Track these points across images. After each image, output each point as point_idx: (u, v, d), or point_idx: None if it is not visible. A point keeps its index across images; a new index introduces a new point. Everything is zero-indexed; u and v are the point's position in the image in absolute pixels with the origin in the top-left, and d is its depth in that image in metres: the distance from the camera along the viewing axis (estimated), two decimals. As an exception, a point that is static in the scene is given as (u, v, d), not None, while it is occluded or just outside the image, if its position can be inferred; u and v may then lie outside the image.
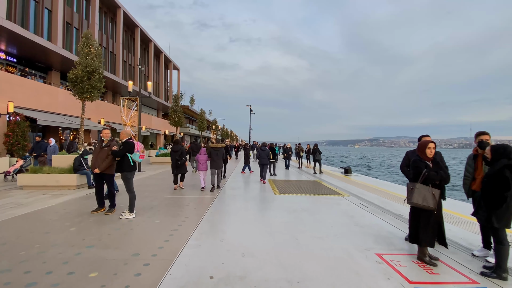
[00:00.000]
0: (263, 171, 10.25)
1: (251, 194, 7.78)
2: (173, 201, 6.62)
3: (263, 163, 10.28)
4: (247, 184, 9.75)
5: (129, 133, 5.35)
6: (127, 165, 5.13)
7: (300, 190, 8.59)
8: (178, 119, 22.40)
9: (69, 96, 19.16)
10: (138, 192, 7.50)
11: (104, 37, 26.18)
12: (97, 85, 9.66)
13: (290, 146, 16.66)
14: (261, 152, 10.53)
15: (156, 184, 9.24)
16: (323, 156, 15.56)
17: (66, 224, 4.66)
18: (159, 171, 13.68)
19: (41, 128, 18.80)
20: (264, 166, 10.24)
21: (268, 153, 10.62)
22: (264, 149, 10.64)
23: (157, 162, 18.26)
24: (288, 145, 15.95)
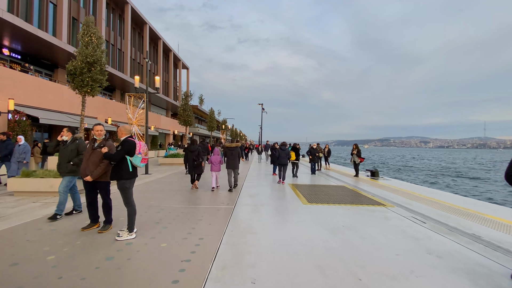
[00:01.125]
0: (283, 172, 9.85)
1: (274, 204, 6.53)
2: (183, 213, 5.44)
3: (282, 163, 9.87)
4: (267, 189, 8.51)
5: (129, 130, 4.18)
6: (125, 171, 3.96)
7: (330, 198, 7.29)
8: (188, 118, 21.37)
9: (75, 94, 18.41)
10: (142, 200, 6.47)
11: (112, 34, 25.44)
12: (98, 78, 8.61)
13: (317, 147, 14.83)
14: (281, 152, 10.11)
15: (164, 190, 8.11)
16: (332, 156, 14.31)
17: (44, 250, 3.52)
18: (168, 173, 12.60)
19: (48, 127, 18.10)
20: (284, 166, 9.87)
21: (289, 153, 10.22)
22: (284, 148, 10.19)
23: (165, 163, 17.25)
24: (314, 145, 13.80)
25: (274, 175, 12.32)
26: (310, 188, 8.98)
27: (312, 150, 13.42)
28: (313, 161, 13.18)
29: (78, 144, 5.09)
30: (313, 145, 13.83)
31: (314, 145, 13.93)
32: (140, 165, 4.05)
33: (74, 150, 5.04)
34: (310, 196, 7.42)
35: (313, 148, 13.56)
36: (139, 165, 4.03)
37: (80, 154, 4.99)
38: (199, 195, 7.32)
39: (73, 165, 4.98)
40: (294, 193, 7.88)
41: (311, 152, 13.39)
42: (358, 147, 12.55)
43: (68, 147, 5.05)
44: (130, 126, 4.11)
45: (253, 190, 8.25)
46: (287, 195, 7.61)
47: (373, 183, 10.50)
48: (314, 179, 11.53)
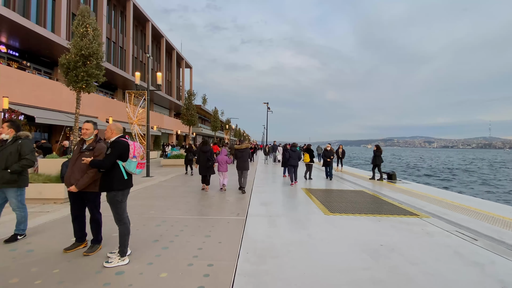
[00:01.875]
0: (294, 173, 9.73)
1: (292, 214, 5.69)
2: (187, 226, 4.63)
3: (293, 164, 9.70)
4: (279, 195, 7.68)
5: (120, 128, 3.37)
6: (117, 181, 3.15)
7: (353, 206, 6.44)
8: (191, 118, 20.60)
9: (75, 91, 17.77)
10: (141, 209, 5.63)
11: (114, 31, 24.78)
12: (94, 72, 7.84)
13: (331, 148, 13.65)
14: (291, 153, 9.82)
15: (166, 196, 7.31)
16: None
17: (9, 283, 2.73)
18: (171, 175, 11.83)
19: (48, 127, 17.45)
20: (295, 167, 9.74)
21: (299, 154, 9.98)
22: (295, 149, 9.90)
23: (168, 164, 16.48)
24: (328, 147, 12.05)
25: (284, 177, 11.54)
26: (326, 193, 8.12)
27: (326, 153, 11.62)
28: (328, 165, 11.43)
29: (20, 145, 3.80)
30: (327, 147, 12.18)
31: (328, 146, 12.23)
32: (136, 172, 3.23)
33: (14, 153, 3.75)
34: (329, 204, 6.57)
35: (327, 150, 11.73)
36: (135, 172, 3.23)
37: (24, 159, 3.78)
38: (206, 202, 6.51)
39: (12, 174, 3.71)
40: (310, 200, 7.04)
41: (325, 154, 11.65)
42: (380, 147, 11.65)
43: (7, 149, 3.74)
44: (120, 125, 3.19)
45: (265, 197, 7.43)
46: (304, 203, 6.77)
47: (393, 187, 9.62)
48: (328, 182, 10.67)
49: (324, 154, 11.85)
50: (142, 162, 3.26)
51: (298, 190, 8.71)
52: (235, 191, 8.16)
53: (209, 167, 7.99)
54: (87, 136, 3.61)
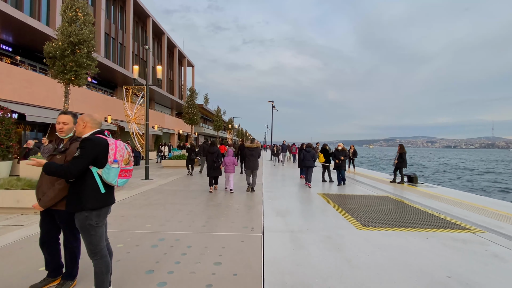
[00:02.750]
0: (309, 174, 9.30)
1: (317, 228, 4.70)
2: (191, 247, 3.66)
3: (307, 165, 9.35)
4: (296, 202, 6.71)
5: (97, 120, 2.38)
6: (89, 196, 2.16)
7: (386, 217, 5.46)
8: (194, 116, 19.65)
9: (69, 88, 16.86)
10: (136, 222, 4.57)
11: (113, 27, 23.87)
12: (84, 62, 6.91)
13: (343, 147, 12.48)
14: (305, 153, 9.49)
15: (166, 203, 6.35)
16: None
17: None
18: (172, 178, 10.88)
19: (44, 126, 16.55)
20: (309, 168, 9.34)
21: (314, 155, 9.52)
22: (309, 150, 9.56)
23: (169, 165, 15.54)
24: (340, 146, 10.08)
25: (301, 178, 10.86)
26: (347, 200, 7.13)
27: (337, 153, 9.87)
28: (339, 168, 9.67)
29: None
30: (339, 146, 10.24)
31: (340, 145, 10.40)
32: (118, 183, 2.26)
33: None
34: (357, 214, 5.58)
35: (338, 151, 9.94)
36: (116, 184, 2.25)
37: None
38: (212, 211, 5.54)
39: None
40: (332, 208, 6.05)
41: (335, 155, 9.87)
42: (404, 148, 10.61)
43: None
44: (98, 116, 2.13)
45: (279, 204, 6.45)
46: (326, 212, 5.78)
47: (419, 192, 8.62)
48: (343, 186, 9.68)
49: (334, 155, 10.01)
50: (127, 169, 2.27)
51: (314, 195, 7.73)
52: (243, 194, 7.23)
53: (217, 168, 7.84)
54: (63, 133, 2.63)
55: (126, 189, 8.13)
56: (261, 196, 7.45)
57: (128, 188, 8.32)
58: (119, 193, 7.48)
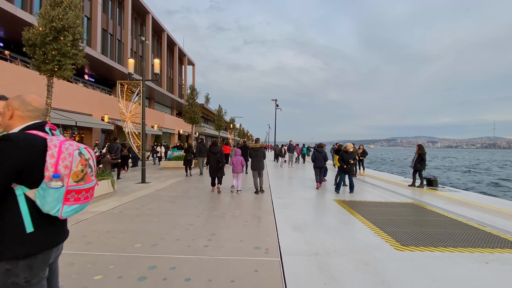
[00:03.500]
0: (320, 175, 9.05)
1: (347, 250, 3.80)
2: (192, 279, 2.78)
3: (319, 166, 9.00)
4: (312, 212, 5.83)
5: (34, 107, 1.44)
6: (10, 234, 1.27)
7: (425, 232, 4.57)
8: (194, 115, 18.77)
9: (64, 85, 15.98)
10: (123, 240, 3.63)
11: (111, 23, 23.01)
12: (69, 51, 6.04)
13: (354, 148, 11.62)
14: (317, 154, 9.06)
15: (162, 213, 5.47)
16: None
17: None
18: (170, 181, 9.99)
19: None
20: (320, 169, 9.07)
21: (325, 155, 9.11)
22: (321, 150, 9.10)
23: (168, 167, 14.67)
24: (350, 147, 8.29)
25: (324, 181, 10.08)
26: (370, 208, 6.22)
27: (346, 155, 8.13)
28: (348, 173, 8.16)
29: None
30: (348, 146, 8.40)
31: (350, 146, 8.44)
32: (62, 213, 1.34)
33: None
34: (388, 227, 4.68)
35: (346, 152, 8.19)
36: (59, 214, 1.33)
37: None
38: (216, 225, 4.64)
39: None
40: (357, 220, 5.14)
41: (343, 158, 8.17)
42: (423, 148, 9.70)
43: None
44: (36, 99, 1.16)
45: (293, 215, 5.55)
46: (352, 225, 4.88)
47: (443, 197, 7.71)
48: (358, 190, 8.78)
49: (342, 158, 8.23)
50: (80, 188, 1.37)
51: (329, 202, 6.84)
52: (249, 199, 6.38)
53: (220, 168, 7.71)
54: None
55: (118, 195, 7.26)
56: (270, 202, 6.57)
57: (121, 194, 7.44)
58: (109, 200, 6.60)
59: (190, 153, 12.31)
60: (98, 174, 7.06)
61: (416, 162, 9.55)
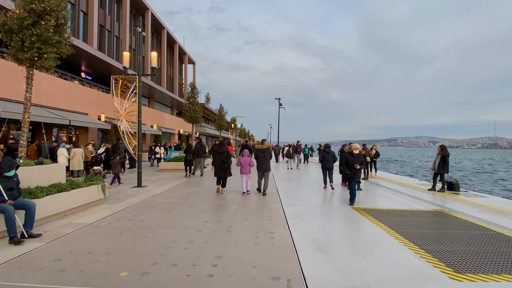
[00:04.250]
0: (329, 176, 8.78)
1: (391, 283, 3.01)
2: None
3: (327, 167, 8.79)
4: (334, 224, 5.02)
5: None
6: None
7: (470, 250, 3.76)
8: (195, 114, 17.97)
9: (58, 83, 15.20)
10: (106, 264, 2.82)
11: (108, 18, 22.21)
12: (51, 37, 5.24)
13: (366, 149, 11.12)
14: (325, 154, 8.90)
15: (158, 226, 4.67)
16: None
17: None
18: (169, 184, 9.20)
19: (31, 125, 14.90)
20: (329, 170, 8.79)
21: (334, 156, 8.95)
22: (329, 151, 8.97)
23: (167, 168, 13.89)
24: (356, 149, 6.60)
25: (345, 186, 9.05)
26: (397, 218, 5.41)
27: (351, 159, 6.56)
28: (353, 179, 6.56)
29: None
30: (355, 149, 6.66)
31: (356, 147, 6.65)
32: None
33: None
34: (430, 246, 3.87)
35: (353, 155, 6.58)
36: None
37: None
38: (221, 241, 3.85)
39: None
40: (388, 235, 4.33)
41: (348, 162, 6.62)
42: (447, 149, 8.88)
43: None
44: None
45: (312, 228, 4.75)
46: (386, 243, 4.06)
47: (471, 203, 6.89)
48: (374, 195, 7.98)
49: (345, 161, 6.64)
50: None
51: (349, 211, 6.01)
52: (259, 209, 5.56)
53: (225, 168, 7.63)
54: None
55: (110, 202, 6.47)
56: (281, 211, 5.77)
57: (113, 200, 6.65)
58: (98, 209, 5.81)
59: (190, 153, 11.63)
60: (86, 178, 6.27)
61: (439, 165, 8.74)
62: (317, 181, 10.46)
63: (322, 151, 9.10)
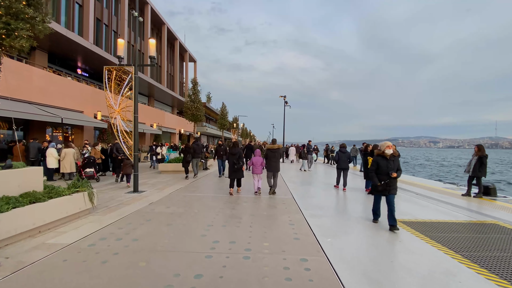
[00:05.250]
0: (343, 177, 8.49)
1: None
2: None
3: (343, 167, 8.50)
4: (381, 244, 3.98)
5: None
6: None
7: None
8: (197, 112, 16.92)
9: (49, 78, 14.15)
10: None
11: (106, 12, 21.17)
12: (23, 11, 4.21)
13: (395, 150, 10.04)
14: (340, 154, 8.58)
15: (153, 251, 3.64)
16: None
17: None
18: (170, 189, 8.16)
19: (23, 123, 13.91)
20: (344, 170, 8.50)
21: (350, 156, 8.69)
22: (344, 151, 8.65)
23: (168, 170, 12.86)
24: (390, 148, 4.90)
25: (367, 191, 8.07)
26: (451, 235, 4.37)
27: (383, 162, 4.84)
28: (383, 192, 4.81)
29: None
30: (387, 147, 5.02)
31: (389, 146, 5.72)
32: None
33: None
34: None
35: (384, 158, 4.84)
36: None
37: None
38: (239, 273, 2.82)
39: None
40: (459, 263, 3.30)
41: (379, 166, 4.87)
42: (484, 149, 7.84)
43: None
44: None
45: (355, 253, 3.71)
46: (462, 276, 3.03)
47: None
48: (405, 201, 6.93)
49: (376, 165, 4.84)
50: None
51: (387, 224, 4.98)
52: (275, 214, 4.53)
53: (239, 169, 7.54)
54: None
55: (99, 213, 5.44)
56: (304, 223, 4.75)
57: (103, 210, 5.61)
58: (83, 222, 4.77)
59: (190, 153, 10.71)
60: (71, 185, 5.24)
61: (475, 167, 7.70)
62: (332, 184, 9.43)
63: (338, 151, 8.72)
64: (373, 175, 4.77)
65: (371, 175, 4.80)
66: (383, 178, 4.66)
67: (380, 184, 4.67)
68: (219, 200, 6.72)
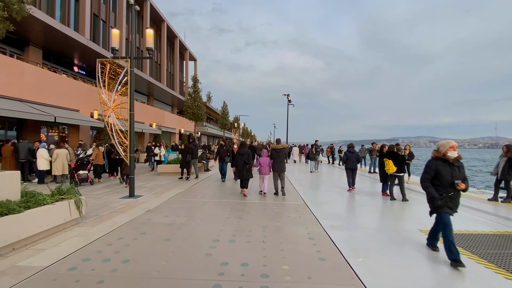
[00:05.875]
0: (352, 177, 8.39)
1: None
2: None
3: (351, 167, 8.36)
4: (409, 258, 3.29)
5: None
6: None
7: None
8: (198, 111, 16.23)
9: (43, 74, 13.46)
10: None
11: (103, 8, 20.47)
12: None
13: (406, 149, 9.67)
14: (349, 154, 8.43)
15: (147, 276, 2.95)
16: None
17: None
18: (169, 193, 7.48)
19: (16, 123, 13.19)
20: (353, 171, 8.40)
21: (358, 156, 8.57)
22: (353, 151, 8.47)
23: (167, 172, 12.17)
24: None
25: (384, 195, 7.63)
26: (500, 251, 3.69)
27: (444, 169, 3.44)
28: (452, 209, 3.53)
29: None
30: (453, 147, 3.48)
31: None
32: None
33: None
34: None
35: (448, 162, 3.47)
36: None
37: None
38: None
39: None
40: None
41: (441, 173, 3.47)
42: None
43: None
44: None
45: (393, 277, 3.02)
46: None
47: None
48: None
49: (436, 174, 3.47)
50: None
51: (417, 235, 4.30)
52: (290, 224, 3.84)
53: (247, 170, 7.38)
54: None
55: (87, 223, 4.75)
56: (327, 239, 4.05)
57: (93, 220, 4.92)
58: (67, 236, 4.07)
59: (188, 154, 10.10)
60: (55, 191, 4.55)
61: (504, 169, 7.02)
62: (344, 188, 8.76)
63: (346, 151, 8.61)
64: (428, 184, 3.53)
65: (425, 185, 3.56)
66: (445, 190, 3.41)
67: (440, 197, 3.39)
68: (224, 207, 6.03)
